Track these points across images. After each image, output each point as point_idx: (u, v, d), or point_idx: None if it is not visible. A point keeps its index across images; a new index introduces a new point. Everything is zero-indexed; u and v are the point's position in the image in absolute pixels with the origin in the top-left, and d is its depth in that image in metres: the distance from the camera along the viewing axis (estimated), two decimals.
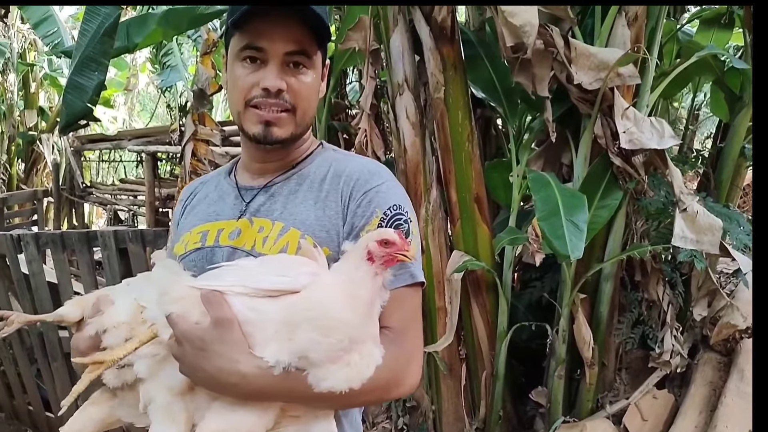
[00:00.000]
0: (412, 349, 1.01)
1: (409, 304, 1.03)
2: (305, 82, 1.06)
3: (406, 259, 0.89)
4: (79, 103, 2.91)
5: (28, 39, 10.49)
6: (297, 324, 0.85)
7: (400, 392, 0.99)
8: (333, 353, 0.84)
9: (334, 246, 1.04)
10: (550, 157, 2.94)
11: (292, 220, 1.06)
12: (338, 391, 0.85)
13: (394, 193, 1.08)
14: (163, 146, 7.17)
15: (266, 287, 0.88)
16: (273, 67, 1.03)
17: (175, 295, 0.91)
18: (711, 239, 2.38)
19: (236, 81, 1.06)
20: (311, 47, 1.06)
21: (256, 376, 0.85)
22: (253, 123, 1.06)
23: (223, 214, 1.14)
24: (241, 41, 1.04)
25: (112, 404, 0.98)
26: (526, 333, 2.78)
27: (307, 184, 1.10)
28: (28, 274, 3.37)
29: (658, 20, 2.58)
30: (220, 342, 0.85)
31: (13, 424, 3.90)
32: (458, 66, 2.65)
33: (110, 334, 0.94)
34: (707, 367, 2.72)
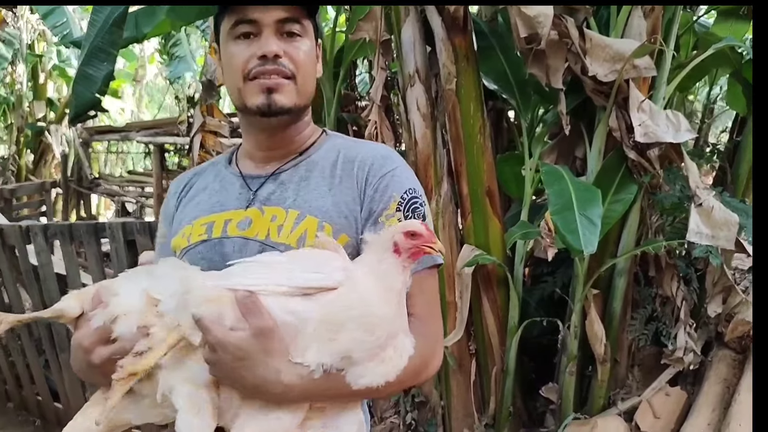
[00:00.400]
0: (436, 333, 1.03)
1: (429, 287, 1.04)
2: (302, 49, 1.05)
3: (433, 252, 0.89)
4: (88, 93, 2.89)
5: (37, 30, 10.50)
6: (339, 323, 0.83)
7: (427, 374, 1.01)
8: (374, 350, 0.85)
9: (353, 232, 1.03)
10: (564, 150, 2.90)
11: (307, 207, 1.03)
12: (375, 387, 0.86)
13: (407, 176, 1.09)
14: (171, 138, 7.19)
15: (301, 284, 0.85)
16: (268, 35, 1.02)
17: (204, 295, 0.85)
18: (727, 235, 2.34)
19: (232, 59, 1.05)
20: (302, 15, 1.06)
21: (298, 384, 0.85)
22: (255, 93, 1.03)
23: (228, 204, 1.09)
24: (231, 19, 1.04)
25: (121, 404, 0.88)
26: (537, 328, 2.76)
27: (317, 170, 1.08)
28: (36, 265, 3.37)
29: (675, 11, 2.53)
30: (262, 353, 0.83)
31: (22, 414, 3.92)
32: (470, 57, 2.61)
33: (121, 322, 0.89)
34: (721, 365, 2.68)
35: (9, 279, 3.58)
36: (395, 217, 1.02)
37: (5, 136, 11.69)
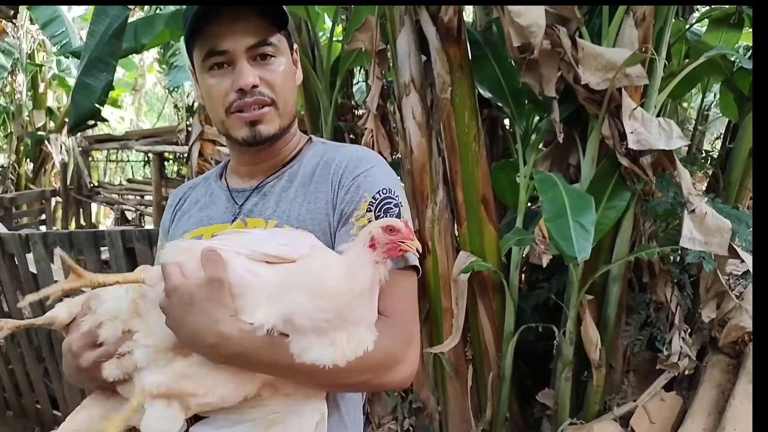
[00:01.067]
0: (408, 334, 0.98)
1: (403, 288, 1.00)
2: (277, 71, 1.06)
3: (410, 249, 0.88)
4: (87, 103, 2.92)
5: (36, 39, 10.56)
6: (289, 288, 0.84)
7: (397, 379, 0.96)
8: (318, 322, 0.83)
9: (327, 238, 1.03)
10: (557, 157, 2.93)
11: (285, 216, 1.05)
12: (321, 365, 0.83)
13: (384, 177, 1.07)
14: (170, 146, 7.21)
15: (267, 251, 0.88)
16: (241, 66, 1.02)
17: (180, 247, 0.91)
18: (720, 241, 2.36)
19: (210, 91, 1.05)
20: (272, 34, 1.05)
21: (236, 338, 0.84)
22: (238, 127, 1.05)
23: (216, 218, 1.13)
24: (202, 50, 1.04)
25: (106, 407, 0.95)
26: (532, 334, 2.77)
27: (298, 180, 1.10)
28: (36, 274, 3.39)
29: (667, 20, 2.56)
30: (206, 300, 0.84)
31: (21, 422, 3.93)
32: (465, 66, 2.65)
33: (106, 327, 0.92)
34: (716, 370, 2.69)
35: (9, 287, 3.59)
36: (365, 217, 1.01)
37: (5, 145, 11.71)
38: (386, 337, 0.91)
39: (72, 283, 0.89)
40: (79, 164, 9.00)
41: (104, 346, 0.92)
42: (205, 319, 0.83)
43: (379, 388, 1.03)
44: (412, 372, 0.99)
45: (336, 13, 3.42)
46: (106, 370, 0.91)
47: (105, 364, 0.91)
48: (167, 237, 1.21)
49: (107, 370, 0.91)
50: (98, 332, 0.92)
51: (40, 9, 7.15)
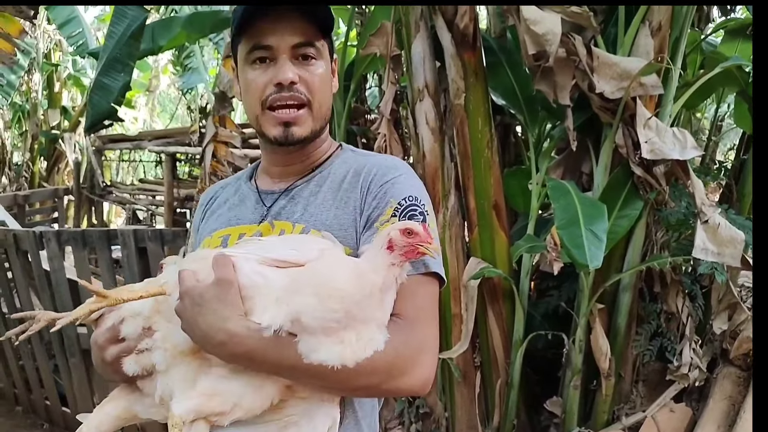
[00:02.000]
0: (423, 339, 0.96)
1: (422, 293, 0.99)
2: (317, 74, 1.07)
3: (428, 252, 0.87)
4: (104, 103, 2.96)
5: (53, 39, 10.70)
6: (297, 290, 0.85)
7: (408, 383, 0.94)
8: (326, 323, 0.83)
9: (353, 243, 1.03)
10: (570, 165, 2.93)
11: (312, 221, 1.05)
12: (329, 366, 0.83)
13: (411, 184, 1.07)
14: (182, 147, 7.26)
15: (275, 257, 0.89)
16: (283, 62, 1.03)
17: (197, 255, 0.94)
18: (732, 252, 2.35)
19: (249, 84, 1.07)
20: (316, 37, 1.06)
21: (244, 336, 0.85)
22: (272, 125, 1.06)
23: (244, 219, 1.14)
24: (248, 44, 1.05)
25: (130, 400, 0.98)
26: (541, 342, 2.76)
27: (327, 185, 1.10)
28: (48, 271, 3.42)
29: (683, 30, 2.56)
30: (216, 300, 0.85)
31: (30, 418, 3.96)
32: (479, 73, 2.66)
33: (127, 323, 0.95)
34: (726, 381, 2.67)
35: (22, 284, 3.63)
36: (390, 222, 1.01)
37: (20, 143, 11.85)
38: (399, 339, 0.90)
39: (98, 303, 0.92)
40: (92, 163, 9.08)
41: (126, 341, 0.94)
42: (214, 317, 0.85)
43: (391, 393, 0.98)
44: (426, 379, 0.96)
45: (351, 17, 3.45)
46: (125, 365, 0.94)
47: (125, 359, 0.94)
48: (197, 235, 1.23)
49: (127, 365, 0.94)
50: (120, 328, 0.94)
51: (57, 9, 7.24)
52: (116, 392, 1.00)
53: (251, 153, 5.60)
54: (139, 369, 0.93)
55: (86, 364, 3.47)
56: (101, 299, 0.92)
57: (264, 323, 0.85)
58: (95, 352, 0.99)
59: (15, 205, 7.54)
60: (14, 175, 11.08)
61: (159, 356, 0.91)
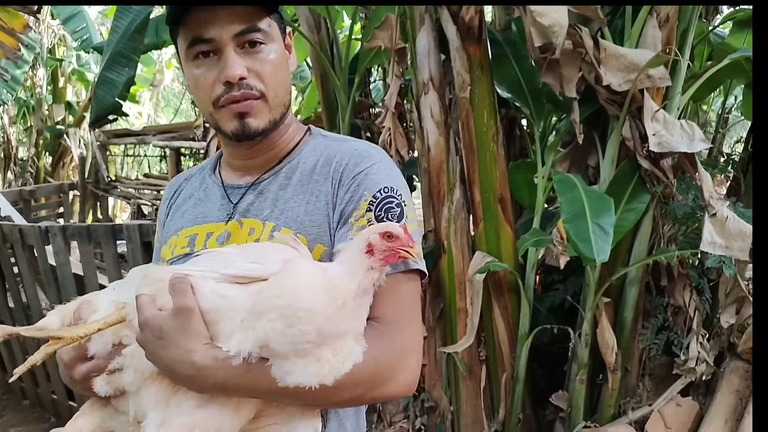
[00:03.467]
0: (407, 342, 0.91)
1: (403, 293, 0.93)
2: (268, 60, 0.97)
3: (409, 257, 0.83)
4: (109, 98, 2.96)
5: (57, 34, 10.70)
6: (262, 312, 0.79)
7: (394, 390, 0.90)
8: (298, 345, 0.78)
9: (327, 240, 0.97)
10: (576, 158, 2.91)
11: (283, 218, 0.99)
12: (306, 387, 0.79)
13: (387, 174, 0.99)
14: (186, 142, 7.26)
15: (235, 273, 0.84)
16: (228, 55, 0.94)
17: (153, 277, 0.87)
18: (741, 245, 2.33)
19: (197, 82, 0.98)
20: (260, 18, 0.96)
21: (212, 368, 0.79)
22: (228, 120, 0.98)
23: (211, 216, 1.07)
24: (187, 38, 0.96)
25: (103, 416, 0.93)
26: (547, 336, 2.76)
27: (296, 177, 1.03)
28: (54, 266, 3.43)
29: (691, 21, 2.54)
30: (177, 331, 0.80)
31: (37, 411, 3.98)
32: (485, 65, 2.64)
33: (96, 340, 0.88)
34: (734, 376, 2.66)
35: (28, 279, 3.64)
36: (365, 217, 0.95)
37: (25, 139, 11.89)
38: (379, 348, 0.85)
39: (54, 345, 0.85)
40: (96, 158, 9.11)
41: (95, 360, 0.88)
42: (178, 351, 0.79)
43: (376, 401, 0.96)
44: (411, 382, 0.92)
45: (355, 11, 3.43)
46: (96, 385, 0.88)
47: (96, 379, 0.88)
48: (163, 231, 1.16)
49: (98, 386, 0.88)
50: (88, 346, 0.88)
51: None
52: (88, 406, 0.95)
53: None
54: (111, 390, 0.88)
55: None
56: (56, 341, 0.84)
57: (232, 351, 0.79)
58: (62, 369, 0.93)
59: (20, 200, 7.56)
60: (19, 171, 11.12)
61: (130, 377, 0.86)
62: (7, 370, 4.22)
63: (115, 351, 0.87)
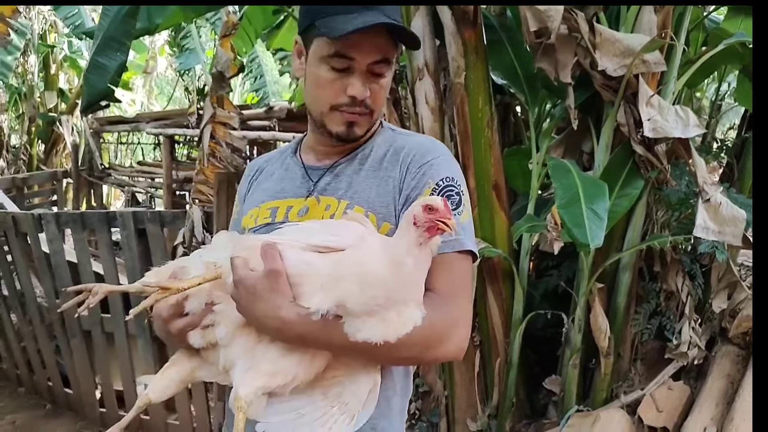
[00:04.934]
0: (458, 313, 1.05)
1: (457, 270, 1.07)
2: (384, 86, 1.14)
3: (446, 228, 0.91)
4: (101, 83, 2.92)
5: (48, 20, 10.57)
6: (340, 277, 0.92)
7: (445, 351, 1.03)
8: (369, 307, 0.91)
9: (393, 220, 1.11)
10: (571, 144, 2.91)
11: (356, 198, 1.13)
12: (373, 342, 0.91)
13: (448, 166, 1.14)
14: (180, 129, 7.20)
15: (317, 243, 0.97)
16: (359, 77, 1.09)
17: (246, 244, 1.00)
18: (734, 231, 2.35)
19: (322, 83, 1.12)
20: (392, 54, 1.13)
21: (296, 322, 0.93)
22: (338, 124, 1.13)
23: (291, 192, 1.21)
24: (331, 47, 1.08)
25: (193, 365, 1.06)
26: (541, 321, 2.78)
27: (369, 162, 1.17)
28: (48, 253, 3.42)
29: (686, 6, 2.53)
30: (268, 290, 0.93)
31: (33, 398, 3.99)
32: (480, 50, 2.63)
33: (192, 299, 1.01)
34: (725, 360, 2.69)
35: (22, 266, 3.63)
36: None
37: (17, 126, 11.78)
38: (435, 315, 0.98)
39: (162, 294, 0.98)
40: (90, 146, 9.03)
41: (190, 316, 1.01)
42: (268, 306, 0.93)
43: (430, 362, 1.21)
44: (461, 348, 1.05)
45: None
46: (191, 338, 1.01)
47: (190, 333, 1.01)
48: (243, 204, 1.30)
49: (192, 339, 1.01)
50: (185, 304, 1.01)
51: None
52: (178, 356, 1.08)
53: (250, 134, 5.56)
54: (204, 343, 1.01)
55: (87, 344, 3.49)
56: (164, 291, 0.98)
57: (312, 308, 0.92)
58: (159, 324, 1.06)
59: (14, 188, 7.50)
60: (12, 158, 11.03)
61: (222, 332, 0.99)
62: (1, 358, 4.22)
63: (207, 309, 1.00)
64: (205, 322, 1.00)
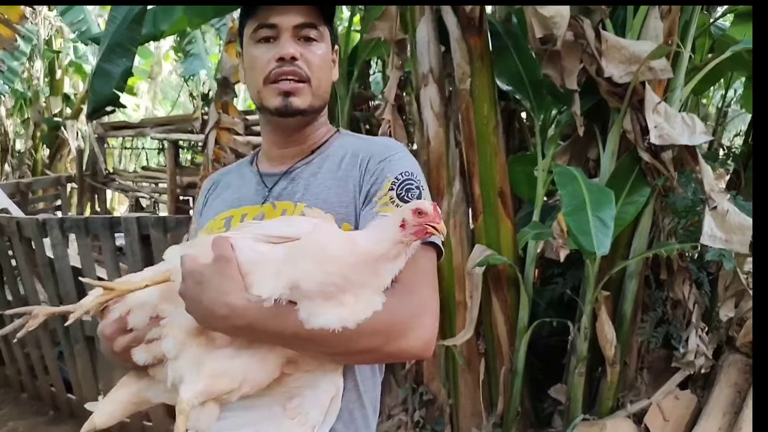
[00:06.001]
0: (422, 302, 0.98)
1: (421, 262, 1.00)
2: (317, 53, 1.12)
3: (435, 233, 0.89)
4: (106, 89, 2.93)
5: (54, 26, 10.62)
6: (294, 259, 0.87)
7: (410, 344, 0.95)
8: (325, 286, 0.85)
9: (353, 220, 1.08)
10: (577, 151, 2.90)
11: (314, 200, 1.09)
12: (330, 329, 0.85)
13: (407, 162, 1.11)
14: (185, 134, 7.23)
15: (269, 233, 0.93)
16: (285, 39, 1.09)
17: (197, 242, 0.99)
18: (741, 239, 2.33)
19: (254, 61, 1.12)
20: (318, 20, 1.12)
21: (245, 308, 0.87)
22: (273, 96, 1.11)
23: (246, 200, 1.17)
24: (254, 23, 1.11)
25: (140, 386, 1.00)
26: (546, 329, 2.76)
27: (326, 165, 1.14)
28: (52, 258, 3.42)
29: (692, 13, 2.52)
30: (215, 275, 0.89)
31: (35, 404, 3.98)
32: (485, 57, 2.62)
33: (135, 313, 0.95)
34: (732, 369, 2.66)
35: (25, 271, 3.63)
36: (387, 195, 1.05)
37: (22, 131, 11.82)
38: (397, 301, 0.92)
39: (106, 296, 0.95)
40: (94, 151, 9.05)
41: (134, 332, 0.96)
42: (216, 293, 0.88)
43: (393, 356, 0.98)
44: (427, 341, 0.97)
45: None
46: (135, 354, 0.95)
47: (135, 349, 0.95)
48: (200, 219, 1.26)
49: (137, 355, 0.95)
50: (128, 319, 0.96)
51: None
52: (126, 379, 1.02)
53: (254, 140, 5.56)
54: (149, 358, 0.95)
55: (90, 350, 3.48)
56: (108, 291, 0.94)
57: (264, 295, 0.87)
58: (103, 343, 1.01)
59: (18, 193, 7.52)
60: (17, 163, 11.05)
61: (169, 343, 0.93)
62: (5, 364, 4.21)
63: (153, 323, 0.95)
64: (150, 336, 0.95)
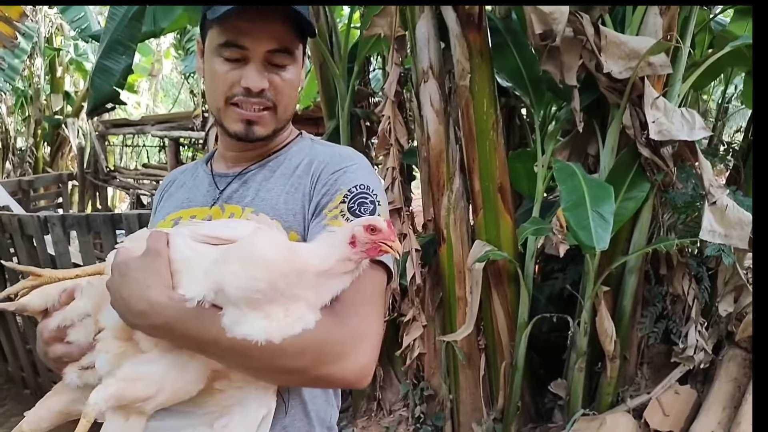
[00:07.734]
0: (362, 326, 0.90)
1: (367, 281, 0.91)
2: (287, 79, 1.05)
3: (389, 251, 0.84)
4: (106, 86, 2.94)
5: (54, 24, 10.62)
6: (223, 261, 0.82)
7: (341, 372, 0.87)
8: (250, 293, 0.78)
9: (301, 230, 1.02)
10: (576, 147, 2.90)
11: (262, 205, 1.04)
12: (253, 341, 0.78)
13: (364, 174, 1.04)
14: (185, 131, 7.24)
15: (209, 233, 0.88)
16: (255, 66, 1.01)
17: (135, 236, 0.92)
18: (740, 234, 2.33)
19: (216, 76, 1.03)
20: (293, 44, 1.03)
21: (165, 306, 0.81)
22: (234, 121, 1.05)
23: (196, 201, 1.13)
24: (221, 37, 1.01)
25: (72, 396, 0.95)
26: (546, 325, 2.77)
27: (280, 170, 1.09)
28: (54, 255, 3.43)
29: (691, 9, 2.52)
30: (140, 268, 0.83)
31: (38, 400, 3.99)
32: (485, 53, 2.62)
33: (76, 328, 0.90)
34: (732, 364, 2.67)
35: None
36: (338, 208, 0.99)
37: (23, 129, 11.84)
38: (332, 322, 0.85)
39: (32, 282, 0.91)
40: (95, 148, 9.08)
41: (71, 346, 0.91)
42: (137, 286, 0.82)
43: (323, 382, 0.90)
44: (363, 369, 0.89)
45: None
46: (67, 375, 0.91)
47: (68, 369, 0.91)
48: (153, 218, 1.22)
49: (69, 377, 0.91)
50: (68, 332, 0.91)
51: None
52: (59, 387, 0.97)
53: None
54: (80, 383, 0.90)
55: None
56: (36, 277, 0.91)
57: (188, 295, 0.81)
58: (39, 343, 0.96)
59: (19, 191, 7.53)
60: (18, 161, 11.07)
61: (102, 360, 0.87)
62: (7, 361, 4.23)
63: (91, 346, 0.89)
64: (85, 363, 0.88)
